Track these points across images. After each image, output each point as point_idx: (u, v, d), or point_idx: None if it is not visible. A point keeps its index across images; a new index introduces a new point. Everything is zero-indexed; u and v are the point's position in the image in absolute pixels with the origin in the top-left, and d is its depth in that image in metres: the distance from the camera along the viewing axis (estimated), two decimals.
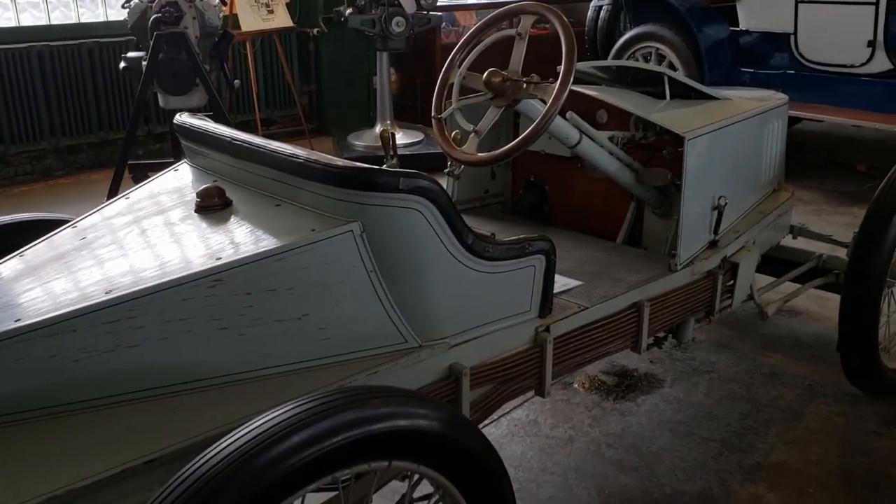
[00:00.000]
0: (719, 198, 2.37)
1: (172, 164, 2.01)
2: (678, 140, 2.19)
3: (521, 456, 2.58)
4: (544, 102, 1.98)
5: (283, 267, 1.47)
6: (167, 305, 1.41)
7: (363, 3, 5.63)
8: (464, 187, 2.83)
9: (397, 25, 5.47)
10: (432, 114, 2.20)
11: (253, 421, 1.18)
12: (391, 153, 2.26)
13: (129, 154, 4.61)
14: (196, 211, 1.69)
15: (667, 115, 2.36)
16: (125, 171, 4.57)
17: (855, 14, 4.97)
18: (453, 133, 2.17)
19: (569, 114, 2.19)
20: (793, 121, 5.77)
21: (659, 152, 2.41)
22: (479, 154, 2.08)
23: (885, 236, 2.59)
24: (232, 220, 1.62)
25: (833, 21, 5.13)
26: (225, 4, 4.89)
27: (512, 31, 2.15)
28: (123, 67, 4.67)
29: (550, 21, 2.06)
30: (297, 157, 1.57)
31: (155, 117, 5.96)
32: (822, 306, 3.55)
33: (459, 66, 2.20)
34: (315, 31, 6.74)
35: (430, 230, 1.58)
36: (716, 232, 2.41)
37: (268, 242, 1.49)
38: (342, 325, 1.56)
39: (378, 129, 5.99)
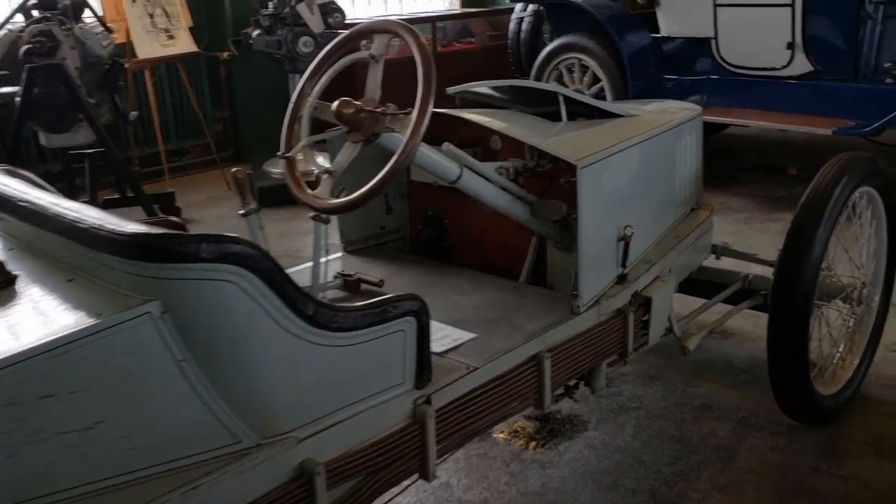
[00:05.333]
0: (625, 227, 2.13)
1: None
2: (572, 168, 1.95)
3: None
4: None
5: (62, 365, 1.17)
6: None
7: (268, 23, 5.34)
8: (352, 226, 2.55)
9: (305, 46, 5.18)
10: (280, 152, 1.92)
11: None
12: (247, 200, 1.97)
13: None
14: None
15: (560, 140, 2.12)
16: None
17: (772, 16, 4.84)
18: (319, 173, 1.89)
19: (445, 145, 1.93)
20: (720, 126, 5.66)
21: (556, 181, 2.16)
22: (330, 200, 1.80)
23: (809, 254, 2.38)
24: (9, 302, 1.31)
25: (752, 24, 4.99)
26: (111, 31, 4.54)
27: (365, 54, 1.89)
28: None
29: (406, 41, 1.79)
30: (81, 222, 1.27)
31: (38, 157, 5.51)
32: (755, 325, 3.33)
33: (310, 97, 1.92)
34: (225, 54, 6.42)
35: (251, 304, 1.30)
36: (624, 265, 2.17)
37: (42, 333, 1.19)
38: (151, 429, 1.26)
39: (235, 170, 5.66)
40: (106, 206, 4.86)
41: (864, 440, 2.60)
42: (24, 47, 4.05)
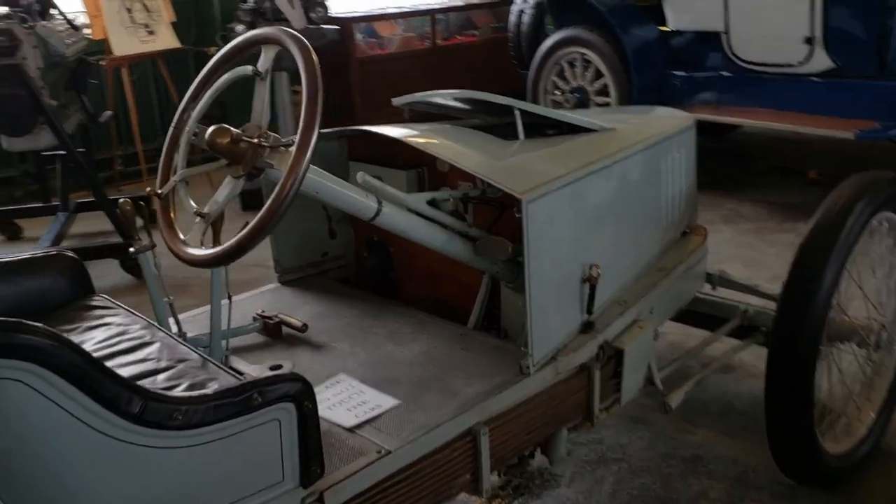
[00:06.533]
0: (590, 267, 1.79)
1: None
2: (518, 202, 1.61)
3: None
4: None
5: None
6: None
7: (249, 18, 5.03)
8: (288, 252, 2.23)
9: None
10: (154, 189, 1.60)
11: None
12: (136, 236, 1.65)
13: None
14: None
15: (509, 164, 1.78)
16: None
17: (789, 8, 4.43)
18: None
19: (359, 175, 1.60)
20: (731, 125, 5.27)
21: (510, 210, 1.82)
22: (195, 251, 1.47)
23: (816, 291, 2.03)
24: None
25: (766, 16, 4.59)
26: (77, 29, 4.25)
27: (247, 70, 1.56)
28: None
29: (292, 53, 1.45)
30: None
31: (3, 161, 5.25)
32: (759, 357, 2.91)
33: (188, 123, 1.60)
34: (212, 50, 6.11)
35: (46, 405, 0.98)
36: (589, 311, 1.83)
37: None
38: None
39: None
40: (78, 209, 4.61)
41: None
42: None
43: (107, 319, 1.71)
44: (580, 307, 1.82)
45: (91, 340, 1.62)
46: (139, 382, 1.42)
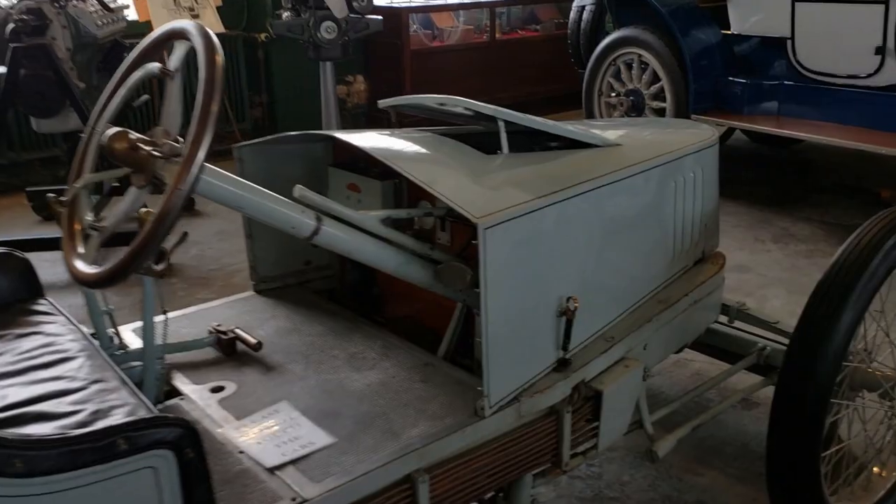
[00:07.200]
0: (567, 299, 1.61)
1: None
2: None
3: None
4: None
5: None
6: None
7: (292, 6, 4.94)
8: (267, 259, 2.11)
9: (327, 32, 4.75)
10: (56, 196, 1.47)
11: None
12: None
13: None
14: None
15: (480, 182, 1.61)
16: None
17: (860, 16, 4.11)
18: None
19: (296, 188, 1.46)
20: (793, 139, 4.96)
21: None
22: (84, 267, 1.35)
23: (831, 336, 1.80)
24: None
25: (836, 24, 4.27)
26: (109, 10, 4.22)
27: (155, 68, 1.43)
28: None
29: (196, 49, 1.31)
30: None
31: (35, 141, 5.30)
32: None
33: (100, 123, 1.47)
34: (262, 36, 6.07)
35: None
36: (565, 348, 1.65)
37: None
38: None
39: None
40: (113, 192, 4.60)
41: None
42: (10, 25, 3.78)
43: (41, 327, 1.63)
44: (554, 343, 1.65)
45: (14, 350, 1.55)
46: (43, 404, 1.33)
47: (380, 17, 4.92)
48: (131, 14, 5.12)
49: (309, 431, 1.49)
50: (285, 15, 5.13)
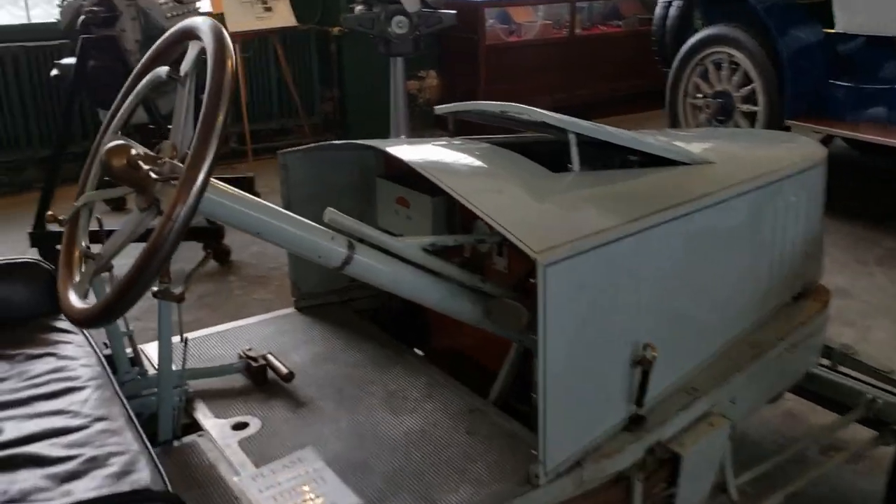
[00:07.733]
0: (644, 347, 1.36)
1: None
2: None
3: None
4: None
5: None
6: None
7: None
8: (308, 275, 1.92)
9: (398, 26, 4.56)
10: (54, 214, 1.29)
11: None
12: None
13: (56, 176, 3.92)
14: None
15: (543, 208, 1.37)
16: (51, 195, 3.88)
17: None
18: None
19: (327, 212, 1.24)
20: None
21: None
22: (74, 300, 1.17)
23: None
24: None
25: None
26: (180, 2, 4.12)
27: (162, 72, 1.23)
28: (55, 76, 4.01)
29: (206, 51, 1.10)
30: None
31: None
32: None
33: (111, 132, 1.29)
34: (336, 30, 5.93)
35: None
36: (639, 403, 1.40)
37: None
38: None
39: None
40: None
41: None
42: (81, 17, 3.72)
43: (56, 348, 1.49)
44: (627, 397, 1.40)
45: (22, 375, 1.42)
46: (38, 444, 1.20)
47: (453, 12, 4.71)
48: (205, 6, 5.05)
49: (333, 489, 1.29)
50: (358, 9, 4.97)
